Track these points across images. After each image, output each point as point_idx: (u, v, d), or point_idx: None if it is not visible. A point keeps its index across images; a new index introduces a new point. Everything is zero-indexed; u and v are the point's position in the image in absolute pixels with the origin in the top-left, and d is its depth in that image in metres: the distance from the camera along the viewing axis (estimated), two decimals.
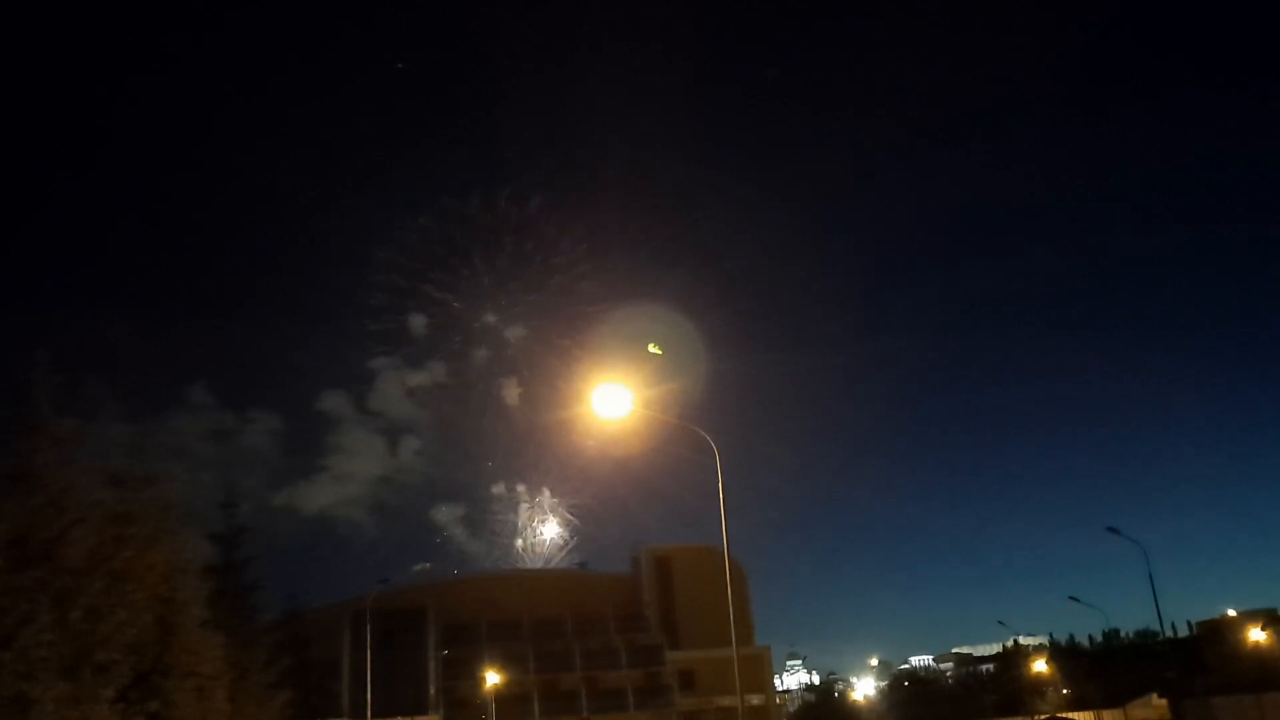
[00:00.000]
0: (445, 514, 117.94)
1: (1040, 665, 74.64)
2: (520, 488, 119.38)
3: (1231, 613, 71.72)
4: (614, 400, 16.94)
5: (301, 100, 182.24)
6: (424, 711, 69.16)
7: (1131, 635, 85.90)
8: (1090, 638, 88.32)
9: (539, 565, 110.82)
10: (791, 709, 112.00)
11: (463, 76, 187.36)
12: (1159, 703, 58.79)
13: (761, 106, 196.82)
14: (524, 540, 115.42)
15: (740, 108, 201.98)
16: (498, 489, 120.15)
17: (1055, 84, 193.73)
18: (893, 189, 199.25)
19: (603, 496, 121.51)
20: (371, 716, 53.84)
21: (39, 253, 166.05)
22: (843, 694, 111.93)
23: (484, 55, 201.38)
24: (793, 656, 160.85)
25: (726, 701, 68.01)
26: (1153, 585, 49.39)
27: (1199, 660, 61.77)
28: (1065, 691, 71.48)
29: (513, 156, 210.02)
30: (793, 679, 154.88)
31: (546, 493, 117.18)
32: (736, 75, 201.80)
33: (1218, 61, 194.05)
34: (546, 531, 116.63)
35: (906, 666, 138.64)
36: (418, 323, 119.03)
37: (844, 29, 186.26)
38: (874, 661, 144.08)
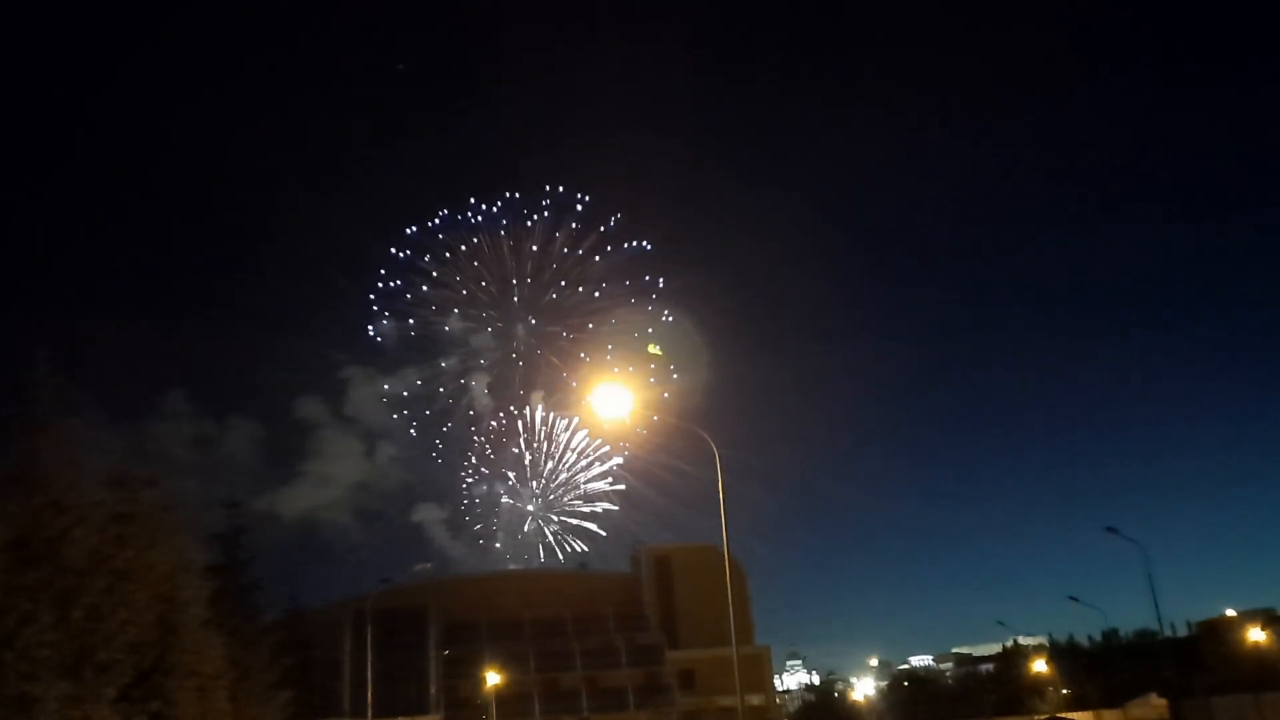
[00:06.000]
0: (429, 514, 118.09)
1: (1040, 665, 74.60)
2: (517, 489, 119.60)
3: (1230, 612, 71.72)
4: (614, 400, 17.02)
5: (289, 106, 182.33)
6: (425, 711, 69.23)
7: (1131, 635, 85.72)
8: (1089, 637, 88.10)
9: (526, 565, 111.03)
10: (791, 709, 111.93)
11: (460, 78, 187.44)
12: (1158, 702, 58.77)
13: (763, 106, 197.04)
14: (507, 539, 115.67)
15: (741, 107, 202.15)
16: (498, 490, 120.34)
17: (1058, 84, 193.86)
18: (894, 189, 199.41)
19: (603, 496, 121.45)
20: (372, 716, 53.84)
21: (19, 256, 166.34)
22: (842, 694, 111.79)
23: (481, 55, 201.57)
24: (793, 656, 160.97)
25: (726, 701, 67.99)
26: (1152, 585, 50.02)
27: (1198, 660, 61.73)
28: (1065, 691, 71.44)
29: (510, 157, 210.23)
30: (793, 679, 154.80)
31: (533, 488, 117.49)
32: (738, 75, 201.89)
33: (1223, 61, 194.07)
34: (546, 529, 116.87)
35: (906, 666, 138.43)
36: (408, 326, 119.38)
37: (846, 29, 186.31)
38: (874, 661, 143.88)
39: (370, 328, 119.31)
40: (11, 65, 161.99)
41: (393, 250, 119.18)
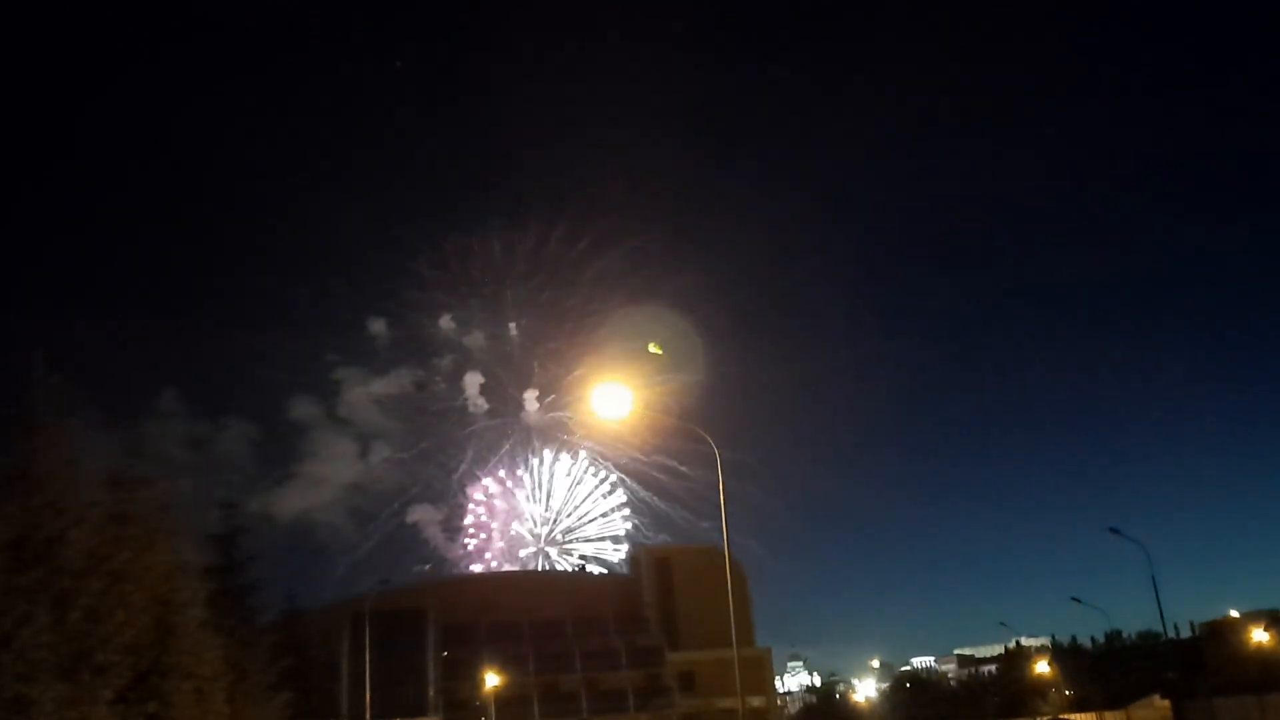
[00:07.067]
0: (425, 515, 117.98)
1: (1042, 666, 74.47)
2: (517, 489, 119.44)
3: (1234, 614, 71.57)
4: (614, 400, 16.90)
5: (285, 105, 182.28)
6: (423, 713, 68.98)
7: (1134, 636, 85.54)
8: (1092, 639, 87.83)
9: (525, 567, 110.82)
10: (793, 710, 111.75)
11: (457, 76, 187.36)
12: (1161, 704, 58.59)
13: (763, 104, 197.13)
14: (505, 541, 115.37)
15: (742, 105, 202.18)
16: (494, 492, 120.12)
17: (1060, 82, 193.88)
18: (895, 188, 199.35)
19: (602, 497, 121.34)
20: (371, 718, 53.71)
21: (15, 255, 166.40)
22: (844, 695, 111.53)
23: (479, 53, 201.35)
24: (794, 658, 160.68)
25: (727, 703, 67.82)
26: (1155, 586, 49.60)
27: (1201, 661, 61.64)
28: (1067, 692, 71.30)
29: (508, 156, 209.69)
30: (794, 680, 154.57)
31: (538, 493, 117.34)
32: (738, 72, 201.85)
33: (1223, 60, 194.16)
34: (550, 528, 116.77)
35: (908, 668, 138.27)
36: (401, 326, 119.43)
37: (846, 25, 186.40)
38: (875, 663, 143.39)
39: (363, 328, 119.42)
40: (9, 64, 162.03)
41: (386, 250, 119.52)
